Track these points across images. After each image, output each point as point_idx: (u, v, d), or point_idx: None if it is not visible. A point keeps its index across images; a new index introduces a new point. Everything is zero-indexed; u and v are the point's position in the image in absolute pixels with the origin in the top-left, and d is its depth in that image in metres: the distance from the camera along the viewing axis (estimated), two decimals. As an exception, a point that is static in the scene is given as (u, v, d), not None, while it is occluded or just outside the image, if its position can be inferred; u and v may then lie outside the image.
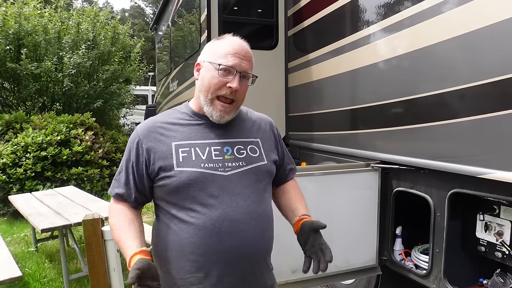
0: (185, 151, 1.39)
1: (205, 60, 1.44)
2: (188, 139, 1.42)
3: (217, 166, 1.39)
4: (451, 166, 2.23)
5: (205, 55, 1.46)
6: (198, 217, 1.34)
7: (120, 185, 1.44)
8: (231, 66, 1.38)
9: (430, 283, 2.50)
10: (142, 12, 37.47)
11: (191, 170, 1.36)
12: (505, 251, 2.22)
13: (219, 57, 1.40)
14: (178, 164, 1.36)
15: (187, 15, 5.52)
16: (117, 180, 1.46)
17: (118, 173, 1.47)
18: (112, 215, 1.45)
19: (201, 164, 1.37)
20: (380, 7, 2.72)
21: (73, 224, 3.42)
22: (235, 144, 1.46)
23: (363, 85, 2.99)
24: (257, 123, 1.59)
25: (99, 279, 2.77)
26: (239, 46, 1.43)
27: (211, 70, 1.40)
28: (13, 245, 4.94)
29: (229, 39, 1.46)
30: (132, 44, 10.57)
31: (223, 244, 1.34)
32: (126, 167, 1.44)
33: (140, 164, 1.41)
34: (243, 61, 1.40)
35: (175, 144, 1.40)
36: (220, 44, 1.44)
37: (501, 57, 1.93)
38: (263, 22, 4.31)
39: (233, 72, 1.39)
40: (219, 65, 1.38)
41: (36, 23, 8.35)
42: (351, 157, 3.11)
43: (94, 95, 8.78)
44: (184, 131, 1.44)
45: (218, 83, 1.39)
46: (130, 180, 1.43)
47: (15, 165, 5.97)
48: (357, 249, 2.82)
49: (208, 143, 1.42)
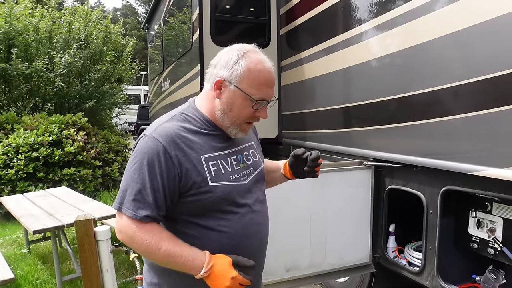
0: (214, 165, 1.35)
1: (233, 83, 1.32)
2: (213, 151, 1.38)
3: (239, 176, 1.42)
4: (443, 163, 2.25)
5: (231, 75, 1.32)
6: (230, 226, 1.37)
7: (147, 206, 1.26)
8: (265, 98, 1.36)
9: (423, 280, 2.52)
10: (134, 11, 37.32)
11: (225, 184, 1.36)
12: (497, 248, 2.23)
13: (252, 87, 1.32)
14: (212, 179, 1.33)
15: (179, 14, 5.50)
16: (139, 200, 1.26)
17: (137, 192, 1.26)
18: (142, 235, 1.26)
19: (230, 177, 1.38)
20: (372, 5, 2.72)
21: (66, 225, 3.39)
22: (242, 151, 1.49)
23: (355, 83, 3.00)
24: None
25: (92, 280, 2.76)
26: (270, 73, 1.36)
27: (242, 99, 1.34)
28: (5, 247, 4.90)
29: (260, 63, 1.34)
30: (124, 43, 10.52)
31: (250, 247, 1.42)
32: (152, 182, 1.26)
33: (172, 179, 1.28)
34: (272, 89, 1.38)
35: (204, 158, 1.33)
36: (252, 69, 1.32)
37: (493, 55, 1.94)
38: (255, 21, 4.30)
39: (264, 103, 1.37)
40: (254, 100, 1.33)
41: (27, 22, 8.29)
42: (344, 155, 3.12)
43: (86, 95, 8.73)
44: (206, 142, 1.38)
45: (249, 113, 1.37)
46: (159, 199, 1.27)
47: (7, 166, 5.90)
48: (351, 247, 2.83)
49: (227, 153, 1.42)
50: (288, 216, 2.57)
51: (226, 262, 1.27)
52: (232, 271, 1.25)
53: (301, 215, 2.66)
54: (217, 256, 1.29)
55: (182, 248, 1.27)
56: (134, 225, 1.27)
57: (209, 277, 1.26)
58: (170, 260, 1.27)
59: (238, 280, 1.24)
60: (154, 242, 1.26)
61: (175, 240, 1.29)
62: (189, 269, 1.27)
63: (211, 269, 1.25)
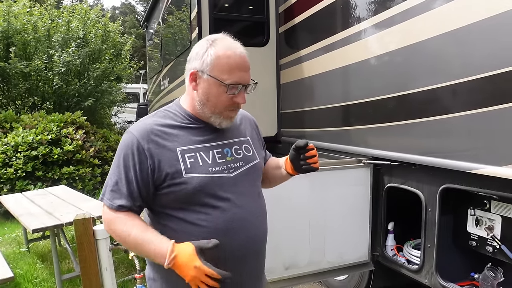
0: (191, 157, 1.36)
1: (205, 72, 1.34)
2: (191, 144, 1.39)
3: (222, 169, 1.40)
4: (442, 161, 2.25)
5: (203, 65, 1.35)
6: (210, 220, 1.35)
7: (122, 196, 1.33)
8: (238, 82, 1.35)
9: (422, 278, 2.52)
10: (132, 9, 37.24)
11: (201, 176, 1.34)
12: (495, 245, 2.24)
13: (223, 73, 1.33)
14: (186, 171, 1.33)
15: (177, 12, 5.49)
16: (115, 191, 1.34)
17: (114, 183, 1.35)
18: (117, 223, 1.34)
19: (209, 169, 1.37)
20: (371, 3, 2.72)
21: (65, 224, 3.39)
22: (232, 145, 1.47)
23: (354, 82, 3.00)
24: (243, 121, 1.60)
25: (91, 278, 2.76)
26: (241, 57, 1.36)
27: (216, 86, 1.34)
28: (4, 246, 4.90)
29: (229, 48, 1.35)
30: (123, 41, 10.50)
31: (233, 243, 1.37)
32: (126, 175, 1.33)
33: (145, 171, 1.32)
34: (246, 73, 1.37)
35: (180, 150, 1.35)
36: (220, 55, 1.33)
37: (491, 53, 1.94)
38: (254, 19, 4.30)
39: (239, 87, 1.36)
40: (227, 85, 1.33)
41: (26, 21, 8.26)
42: (343, 153, 3.12)
43: (85, 94, 8.71)
44: (185, 135, 1.39)
45: (226, 100, 1.36)
46: (133, 190, 1.33)
47: (5, 165, 5.90)
48: (350, 245, 2.84)
49: (210, 146, 1.41)
50: (287, 214, 2.57)
51: (190, 250, 1.23)
52: (196, 259, 1.21)
53: (300, 213, 2.67)
54: (182, 244, 1.25)
55: (150, 236, 1.29)
56: (111, 214, 1.35)
57: (175, 267, 1.24)
58: (138, 248, 1.31)
59: (202, 270, 1.20)
60: (125, 229, 1.32)
61: (145, 229, 1.32)
62: (155, 258, 1.28)
63: (174, 259, 1.23)
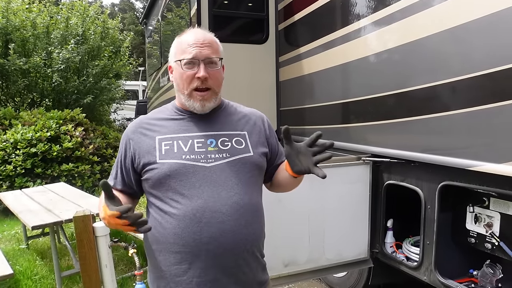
0: (168, 144, 1.42)
1: (172, 61, 1.49)
2: (172, 133, 1.45)
3: (199, 158, 1.39)
4: (441, 158, 2.25)
5: (171, 56, 1.50)
6: (179, 208, 1.35)
7: (112, 178, 1.55)
8: (192, 58, 1.41)
9: (421, 275, 2.53)
10: (131, 6, 37.16)
11: (172, 161, 1.38)
12: (494, 242, 2.24)
13: (180, 54, 1.43)
14: (160, 157, 1.40)
15: (176, 9, 5.48)
16: (111, 174, 1.58)
17: (113, 168, 1.58)
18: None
19: (183, 156, 1.39)
20: (370, 0, 2.72)
21: (64, 221, 3.39)
22: (220, 137, 1.46)
23: (354, 79, 2.99)
24: (246, 117, 1.57)
25: (91, 275, 2.77)
26: (195, 35, 1.44)
27: (178, 68, 1.45)
28: (4, 243, 4.91)
29: (186, 33, 1.48)
30: (122, 38, 10.48)
31: (203, 235, 1.33)
32: (117, 162, 1.55)
33: (127, 159, 1.48)
34: (202, 49, 1.41)
35: (158, 138, 1.44)
36: (179, 40, 1.48)
37: (491, 50, 1.94)
38: (253, 16, 4.28)
39: (196, 62, 1.41)
40: (181, 61, 1.42)
41: (24, 18, 8.25)
42: (342, 150, 3.12)
43: (84, 91, 8.71)
44: (169, 126, 1.48)
45: (187, 78, 1.42)
46: (118, 174, 1.53)
47: (5, 162, 5.90)
48: (349, 242, 2.84)
49: (192, 136, 1.45)
50: (286, 211, 2.57)
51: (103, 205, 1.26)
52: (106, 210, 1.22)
53: (299, 210, 2.67)
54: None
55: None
56: None
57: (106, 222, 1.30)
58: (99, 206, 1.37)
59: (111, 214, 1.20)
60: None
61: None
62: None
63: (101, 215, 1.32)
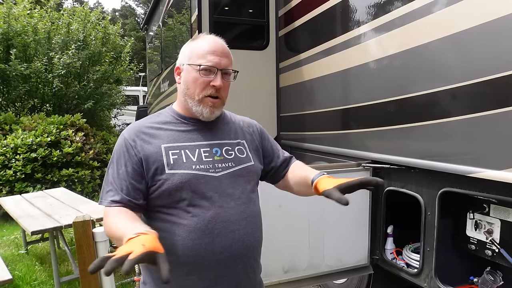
0: (175, 153, 1.37)
1: (185, 63, 1.44)
2: (177, 142, 1.40)
3: (208, 167, 1.38)
4: (441, 165, 2.25)
5: (183, 58, 1.45)
6: (190, 219, 1.32)
7: (115, 192, 1.33)
8: (212, 65, 1.38)
9: (421, 282, 2.52)
10: (133, 12, 37.28)
11: (183, 172, 1.33)
12: (495, 249, 2.24)
13: (198, 58, 1.39)
14: (169, 167, 1.34)
15: (177, 15, 5.50)
16: (110, 190, 1.35)
17: (109, 183, 1.36)
18: (107, 215, 1.31)
19: (193, 166, 1.35)
20: (371, 7, 2.73)
21: (64, 226, 3.38)
22: (223, 146, 1.45)
23: (354, 85, 3.00)
24: (240, 125, 1.58)
25: (90, 281, 2.76)
26: (216, 44, 1.42)
27: (192, 72, 1.40)
28: (3, 248, 4.89)
29: (205, 38, 1.44)
30: (123, 44, 10.51)
31: (215, 245, 1.32)
32: (118, 172, 1.35)
33: (136, 163, 1.34)
34: (222, 59, 1.40)
35: (164, 147, 1.37)
36: (196, 44, 1.43)
37: (491, 57, 1.95)
38: (254, 22, 4.30)
39: (214, 71, 1.39)
40: (199, 66, 1.38)
41: (26, 23, 8.27)
42: (342, 156, 3.12)
43: (84, 96, 8.71)
44: (172, 134, 1.42)
45: (202, 83, 1.38)
46: (124, 185, 1.33)
47: (5, 167, 5.90)
48: (349, 249, 2.84)
49: (197, 145, 1.41)
50: (286, 217, 2.57)
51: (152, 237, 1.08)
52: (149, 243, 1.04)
53: (299, 216, 2.66)
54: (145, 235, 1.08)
55: (126, 222, 1.22)
56: (105, 210, 1.34)
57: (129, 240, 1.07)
58: (115, 235, 1.21)
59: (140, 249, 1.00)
60: (112, 219, 1.28)
61: (126, 217, 1.26)
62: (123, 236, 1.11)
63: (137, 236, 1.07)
